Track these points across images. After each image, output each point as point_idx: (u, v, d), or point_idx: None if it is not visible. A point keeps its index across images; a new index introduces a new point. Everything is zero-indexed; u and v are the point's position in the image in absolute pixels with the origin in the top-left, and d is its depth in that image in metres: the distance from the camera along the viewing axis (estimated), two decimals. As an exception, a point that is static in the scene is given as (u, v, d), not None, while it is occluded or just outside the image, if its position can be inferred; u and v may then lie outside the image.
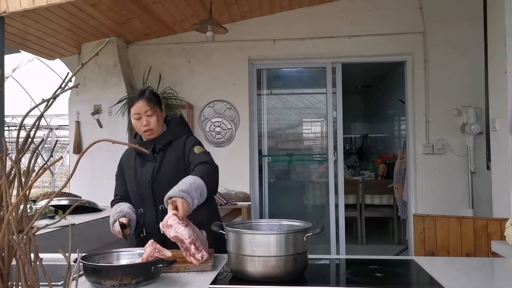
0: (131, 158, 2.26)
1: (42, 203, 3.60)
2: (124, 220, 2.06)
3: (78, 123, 4.76)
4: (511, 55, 3.24)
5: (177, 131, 2.22)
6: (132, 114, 2.15)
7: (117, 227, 2.02)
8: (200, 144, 2.19)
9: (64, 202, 3.70)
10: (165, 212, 1.99)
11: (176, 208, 1.71)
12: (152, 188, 2.13)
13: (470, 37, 4.53)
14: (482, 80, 4.35)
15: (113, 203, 2.30)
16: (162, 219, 1.98)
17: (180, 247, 1.65)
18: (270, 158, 5.28)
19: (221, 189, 3.95)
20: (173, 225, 1.65)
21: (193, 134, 2.32)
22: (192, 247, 1.63)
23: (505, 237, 2.37)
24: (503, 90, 3.31)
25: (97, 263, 1.51)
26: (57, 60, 5.21)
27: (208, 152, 2.17)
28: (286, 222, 1.71)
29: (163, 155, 2.16)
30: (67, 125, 5.07)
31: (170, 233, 1.65)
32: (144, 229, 2.14)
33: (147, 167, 2.17)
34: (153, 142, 2.17)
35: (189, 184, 1.83)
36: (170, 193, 1.81)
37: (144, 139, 2.22)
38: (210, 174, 2.01)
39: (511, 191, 3.19)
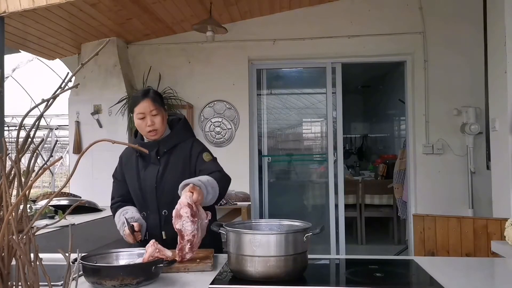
0: (132, 158, 2.18)
1: (42, 203, 3.60)
2: (135, 224, 1.99)
3: (78, 123, 4.76)
4: (511, 55, 3.24)
5: (182, 134, 2.17)
6: (136, 113, 2.08)
7: (127, 230, 1.95)
8: (207, 150, 2.15)
9: (64, 202, 3.70)
10: (168, 217, 2.01)
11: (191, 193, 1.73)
12: (156, 193, 2.08)
13: (470, 37, 4.53)
14: (482, 80, 4.35)
15: (114, 207, 2.21)
16: (165, 224, 2.01)
17: (178, 240, 1.70)
18: (270, 158, 5.28)
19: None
20: (183, 217, 1.68)
21: (195, 137, 2.27)
22: (187, 246, 1.69)
23: (505, 237, 2.37)
24: (503, 90, 3.31)
25: (95, 263, 1.51)
26: (57, 60, 5.21)
27: (216, 159, 2.14)
28: (286, 222, 1.71)
29: (167, 158, 2.10)
30: (67, 125, 5.07)
31: (176, 225, 1.68)
32: (146, 232, 2.08)
33: (151, 170, 2.10)
34: (157, 145, 2.11)
35: (207, 180, 1.86)
36: (187, 180, 1.84)
37: (146, 140, 2.15)
38: (224, 183, 2.00)
39: (511, 191, 3.19)
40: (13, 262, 0.87)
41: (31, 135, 0.88)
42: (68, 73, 0.92)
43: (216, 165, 2.08)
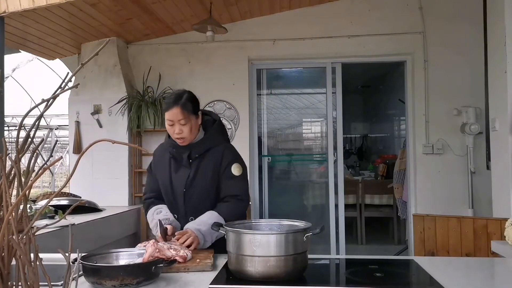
0: (165, 157, 2.15)
1: (42, 203, 3.60)
2: (169, 227, 1.98)
3: (78, 123, 4.76)
4: (511, 55, 3.24)
5: (215, 138, 2.11)
6: (166, 119, 2.03)
7: (159, 233, 1.93)
8: (238, 159, 2.10)
9: (64, 202, 3.70)
10: None
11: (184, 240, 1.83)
12: (184, 198, 2.07)
13: (470, 37, 4.53)
14: (482, 80, 4.34)
15: (147, 202, 2.19)
16: None
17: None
18: (270, 158, 5.27)
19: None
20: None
21: (229, 141, 2.21)
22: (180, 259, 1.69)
23: (505, 237, 2.37)
24: (503, 90, 3.31)
25: (95, 263, 1.51)
26: (57, 60, 5.21)
27: (245, 171, 2.09)
28: (286, 222, 1.71)
29: (198, 163, 2.06)
30: (67, 125, 5.07)
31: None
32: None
33: (181, 174, 2.08)
34: (189, 148, 2.07)
35: (210, 226, 1.81)
36: (189, 225, 1.88)
37: None
38: (236, 214, 1.97)
39: (511, 191, 3.19)
40: (13, 262, 0.87)
41: (31, 135, 0.88)
42: (68, 73, 0.92)
43: (239, 186, 2.04)
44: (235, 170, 2.05)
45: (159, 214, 2.06)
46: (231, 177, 2.04)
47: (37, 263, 0.86)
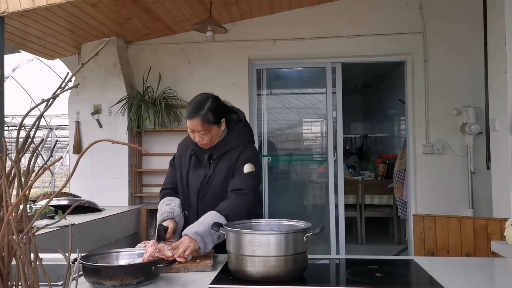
0: (187, 153, 2.16)
1: (42, 203, 3.60)
2: (170, 224, 1.98)
3: (78, 123, 4.76)
4: (511, 55, 3.24)
5: (236, 141, 2.10)
6: (187, 125, 2.03)
7: (160, 231, 1.92)
8: (254, 160, 2.06)
9: (64, 202, 3.70)
10: None
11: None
12: (197, 196, 2.07)
13: (470, 37, 4.53)
14: (482, 80, 4.34)
15: (163, 193, 2.19)
16: None
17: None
18: (270, 158, 5.27)
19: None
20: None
21: (253, 143, 2.18)
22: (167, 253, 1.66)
23: (505, 237, 2.38)
24: (503, 90, 3.31)
25: (95, 263, 1.51)
26: (57, 60, 5.20)
27: (255, 172, 2.04)
28: (286, 222, 1.71)
29: (217, 163, 2.07)
30: (67, 125, 5.07)
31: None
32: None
33: (199, 172, 2.09)
34: (211, 149, 2.08)
35: (208, 226, 1.77)
36: (186, 230, 1.83)
37: None
38: (238, 210, 1.89)
39: (511, 191, 3.19)
40: (13, 262, 0.87)
41: (31, 135, 0.88)
42: (68, 73, 0.92)
43: (244, 181, 1.99)
44: (246, 168, 2.03)
45: (167, 206, 2.06)
46: (240, 174, 2.02)
47: (37, 263, 0.86)
